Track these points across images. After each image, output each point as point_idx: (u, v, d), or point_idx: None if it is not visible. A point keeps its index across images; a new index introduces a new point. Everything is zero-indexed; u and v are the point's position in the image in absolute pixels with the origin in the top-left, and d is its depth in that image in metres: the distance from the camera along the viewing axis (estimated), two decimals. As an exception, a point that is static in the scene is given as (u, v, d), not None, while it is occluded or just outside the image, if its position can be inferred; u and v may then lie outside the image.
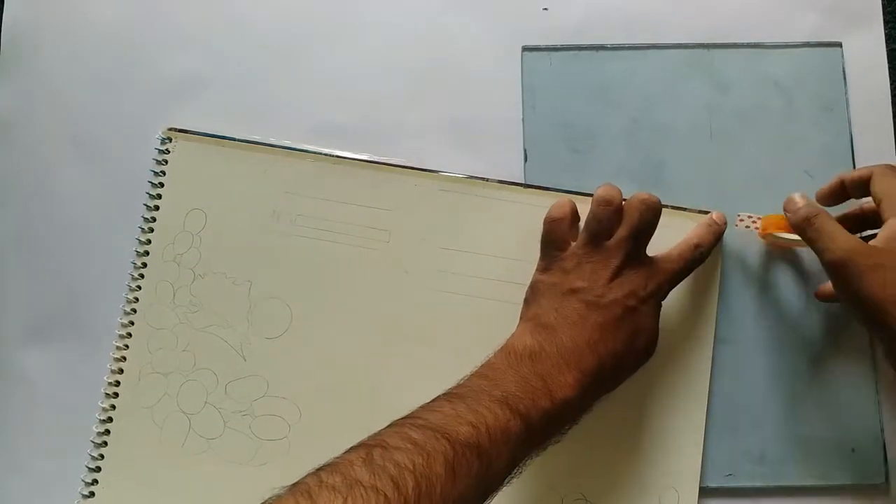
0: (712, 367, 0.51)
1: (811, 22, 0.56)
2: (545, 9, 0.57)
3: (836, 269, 0.43)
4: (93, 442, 0.50)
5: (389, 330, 0.51)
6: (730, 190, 0.54)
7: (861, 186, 0.48)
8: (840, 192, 0.50)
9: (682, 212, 0.52)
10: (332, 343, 0.51)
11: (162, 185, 0.52)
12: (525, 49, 0.56)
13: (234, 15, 0.57)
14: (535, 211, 0.49)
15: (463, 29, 0.57)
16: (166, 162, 0.52)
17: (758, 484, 0.50)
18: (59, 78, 0.56)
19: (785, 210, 0.48)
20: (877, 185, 0.46)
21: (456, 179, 0.53)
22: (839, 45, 0.56)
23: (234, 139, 0.53)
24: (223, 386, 0.50)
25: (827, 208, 0.47)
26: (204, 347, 0.50)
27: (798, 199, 0.47)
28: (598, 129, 0.55)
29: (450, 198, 0.52)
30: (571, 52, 0.56)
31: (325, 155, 0.53)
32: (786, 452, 0.50)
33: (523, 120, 0.55)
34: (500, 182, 0.53)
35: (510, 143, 0.54)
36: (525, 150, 0.54)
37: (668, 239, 0.48)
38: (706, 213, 0.51)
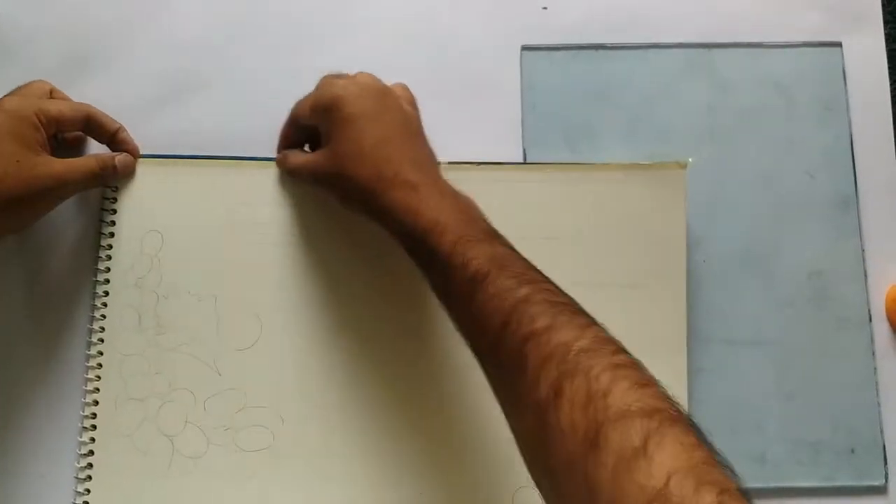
0: (711, 366, 0.51)
1: (811, 22, 0.56)
2: (545, 8, 0.57)
3: (318, 188, 0.49)
4: (76, 477, 0.49)
5: (363, 327, 0.51)
6: (731, 191, 0.54)
7: (296, 125, 0.50)
8: (293, 140, 0.51)
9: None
10: (305, 346, 0.50)
11: (115, 211, 0.52)
12: (524, 48, 0.56)
13: (233, 14, 0.57)
14: (494, 187, 0.51)
15: (462, 28, 0.56)
16: (117, 188, 0.52)
17: (757, 485, 0.50)
18: (55, 78, 0.54)
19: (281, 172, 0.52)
20: (297, 112, 0.49)
21: None
22: (839, 44, 0.56)
23: (181, 156, 0.53)
24: (202, 403, 0.50)
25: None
26: (177, 368, 0.50)
27: (279, 156, 0.52)
28: (598, 129, 0.54)
29: None
30: (571, 52, 0.56)
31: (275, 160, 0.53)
32: (785, 453, 0.50)
33: (523, 120, 0.55)
34: (453, 163, 0.51)
35: (510, 142, 0.54)
36: (524, 150, 0.54)
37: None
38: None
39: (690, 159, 0.51)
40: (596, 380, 0.33)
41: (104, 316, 0.51)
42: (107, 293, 0.51)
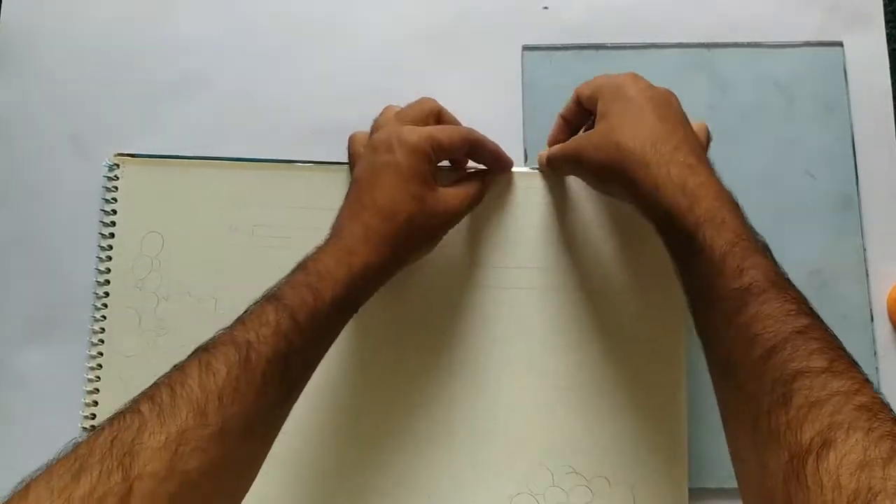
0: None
1: (812, 21, 0.56)
2: (545, 8, 0.56)
3: (576, 169, 0.47)
4: None
5: (361, 330, 0.51)
6: (732, 190, 0.53)
7: (577, 111, 0.49)
8: (567, 128, 0.50)
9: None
10: None
11: (115, 211, 0.52)
12: (525, 48, 0.56)
13: (233, 15, 0.57)
14: (497, 192, 0.51)
15: (462, 28, 0.56)
16: (116, 189, 0.52)
17: (759, 485, 0.50)
18: (58, 77, 0.55)
19: (542, 170, 0.52)
20: (583, 96, 0.47)
21: None
22: (840, 44, 0.56)
23: (181, 157, 0.53)
24: None
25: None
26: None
27: (541, 155, 0.51)
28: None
29: None
30: (572, 52, 0.55)
31: (275, 161, 0.53)
32: None
33: (523, 120, 0.55)
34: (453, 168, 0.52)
35: (510, 142, 0.54)
36: (525, 150, 0.54)
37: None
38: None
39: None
40: (876, 444, 0.30)
41: (104, 317, 0.50)
42: (107, 294, 0.51)
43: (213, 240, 0.52)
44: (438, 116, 0.48)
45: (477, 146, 0.48)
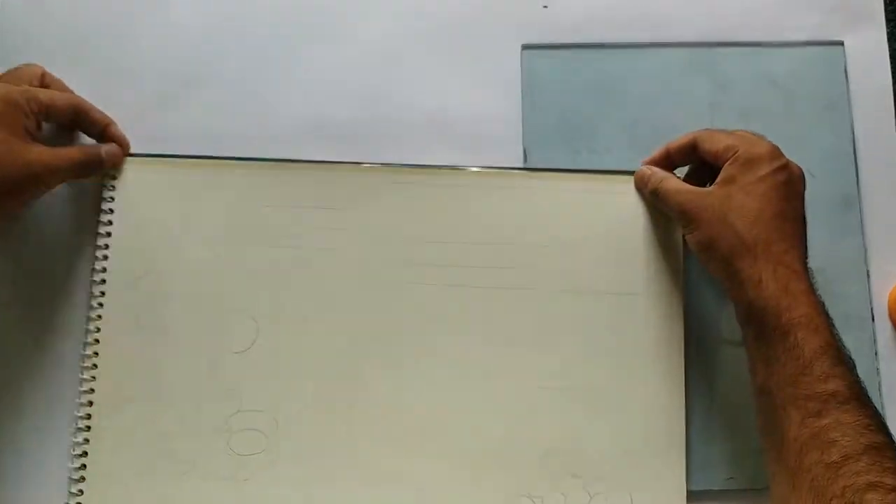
0: (713, 369, 0.51)
1: (813, 21, 0.56)
2: (545, 6, 0.56)
3: (679, 217, 0.47)
4: (70, 478, 0.49)
5: (361, 330, 0.50)
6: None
7: (687, 153, 0.49)
8: (665, 161, 0.50)
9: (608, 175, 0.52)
10: (302, 350, 0.50)
11: (112, 210, 0.51)
12: (525, 47, 0.55)
13: (230, 14, 0.56)
14: (494, 193, 0.52)
15: (462, 27, 0.56)
16: (114, 187, 0.52)
17: (759, 487, 0.49)
18: (56, 75, 0.55)
19: (637, 187, 0.52)
20: (705, 146, 0.47)
21: (410, 171, 0.52)
22: (841, 43, 0.56)
23: (178, 156, 0.52)
24: (196, 405, 0.49)
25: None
26: (172, 369, 0.50)
27: (646, 171, 0.51)
28: (599, 129, 0.54)
29: (409, 189, 0.52)
30: (572, 51, 0.55)
31: (274, 161, 0.52)
32: None
33: (523, 119, 0.55)
34: (446, 167, 0.53)
35: (510, 142, 0.54)
36: (525, 150, 0.54)
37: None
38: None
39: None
40: None
41: (100, 316, 0.50)
42: (103, 293, 0.51)
43: (210, 238, 0.51)
44: (42, 79, 0.50)
45: (82, 113, 0.50)
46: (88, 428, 0.49)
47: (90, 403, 0.49)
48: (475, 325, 0.50)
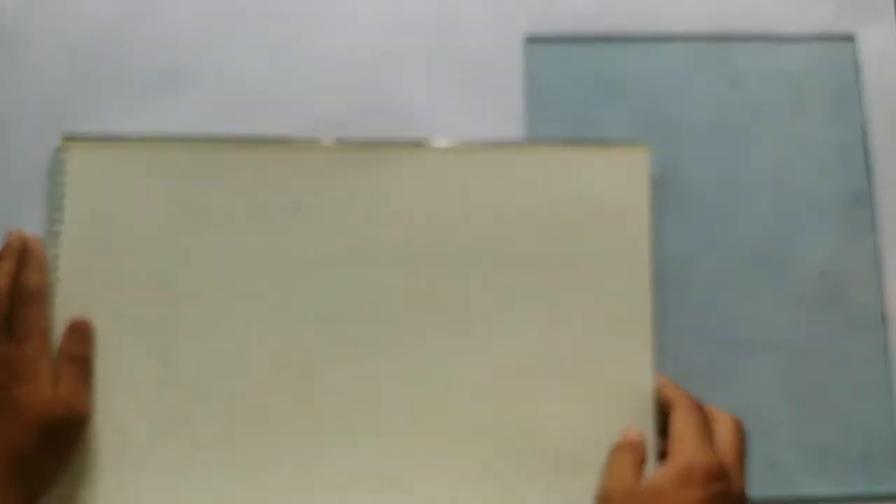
0: (721, 372, 0.51)
1: (824, 14, 0.56)
2: (550, -3, 0.56)
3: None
4: None
5: (327, 317, 0.50)
6: (741, 187, 0.53)
7: (662, 407, 0.47)
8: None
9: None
10: (258, 335, 0.49)
11: (63, 195, 0.50)
12: (529, 39, 0.55)
13: (226, 6, 0.56)
14: (450, 170, 0.51)
15: (464, 18, 0.56)
16: (64, 174, 0.51)
17: (769, 493, 0.49)
18: (49, 72, 0.55)
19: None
20: (675, 421, 0.45)
21: (361, 147, 0.52)
22: (852, 37, 0.56)
23: (129, 138, 0.51)
24: (151, 394, 0.48)
25: None
26: (126, 358, 0.49)
27: (629, 433, 0.47)
28: (605, 124, 0.54)
29: (367, 167, 0.51)
30: (577, 43, 0.55)
31: (227, 141, 0.51)
32: (798, 460, 0.50)
33: (526, 113, 0.54)
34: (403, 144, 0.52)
35: (512, 136, 0.53)
36: (528, 145, 0.53)
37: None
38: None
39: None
40: None
41: (52, 304, 0.49)
42: (57, 280, 0.49)
43: (162, 223, 0.50)
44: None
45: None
46: None
47: None
48: (438, 306, 0.50)
